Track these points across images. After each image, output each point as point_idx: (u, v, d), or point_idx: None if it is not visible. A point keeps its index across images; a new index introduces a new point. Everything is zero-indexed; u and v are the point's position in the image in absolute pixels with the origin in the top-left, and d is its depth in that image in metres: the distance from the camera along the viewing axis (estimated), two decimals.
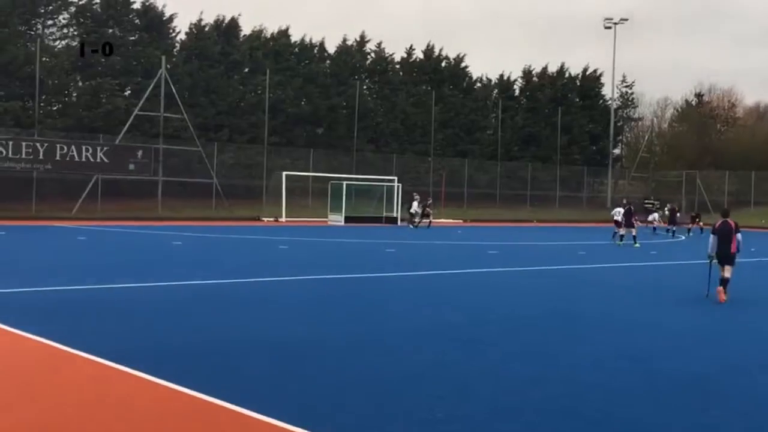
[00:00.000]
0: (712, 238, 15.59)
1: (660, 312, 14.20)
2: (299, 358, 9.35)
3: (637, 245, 30.62)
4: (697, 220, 43.61)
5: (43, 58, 44.55)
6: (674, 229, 39.55)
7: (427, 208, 41.40)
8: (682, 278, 20.54)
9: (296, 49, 56.39)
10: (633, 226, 31.55)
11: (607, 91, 70.04)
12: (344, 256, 23.96)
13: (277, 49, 54.75)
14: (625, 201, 34.86)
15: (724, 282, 15.20)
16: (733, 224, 15.50)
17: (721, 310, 14.58)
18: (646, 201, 59.52)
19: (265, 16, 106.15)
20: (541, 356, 9.92)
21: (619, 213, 32.24)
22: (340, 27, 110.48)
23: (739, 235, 15.50)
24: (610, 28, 63.67)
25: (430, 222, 41.09)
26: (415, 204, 41.56)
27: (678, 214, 41.61)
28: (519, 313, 13.42)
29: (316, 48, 57.39)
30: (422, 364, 9.25)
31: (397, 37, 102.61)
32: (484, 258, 24.65)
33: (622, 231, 31.66)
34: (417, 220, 40.92)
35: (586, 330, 11.99)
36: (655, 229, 41.79)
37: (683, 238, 38.83)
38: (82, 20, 48.22)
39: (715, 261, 15.56)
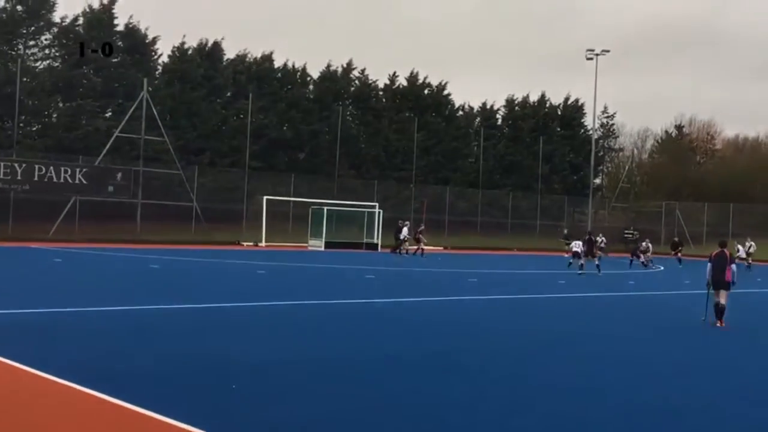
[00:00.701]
0: (708, 266, 16.35)
1: (638, 343, 14.11)
2: (260, 383, 9.16)
3: (600, 274, 30.84)
4: (679, 248, 43.21)
5: (24, 79, 44.28)
6: (597, 262, 32.54)
7: (419, 235, 41.32)
8: (660, 308, 20.51)
9: (279, 74, 56.40)
10: (595, 256, 32.02)
11: (588, 121, 70.59)
12: (322, 282, 23.76)
13: (260, 74, 54.74)
14: (588, 232, 35.14)
15: (720, 309, 16.08)
16: (728, 255, 16.43)
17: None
18: (626, 231, 59.79)
19: (248, 41, 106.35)
20: (522, 388, 9.77)
21: (578, 245, 32.22)
22: (324, 53, 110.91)
23: (733, 266, 16.34)
24: (591, 59, 63.99)
25: (422, 249, 40.66)
26: (405, 230, 41.10)
27: (600, 242, 38.71)
28: (498, 343, 13.27)
29: (299, 73, 57.42)
30: (395, 392, 9.08)
31: (382, 64, 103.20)
32: (464, 286, 24.52)
33: (582, 261, 31.64)
34: (406, 246, 40.51)
35: (564, 360, 11.87)
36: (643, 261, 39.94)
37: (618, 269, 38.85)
38: (64, 41, 48.02)
39: (711, 291, 16.44)
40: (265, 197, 44.69)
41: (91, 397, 8.10)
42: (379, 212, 46.29)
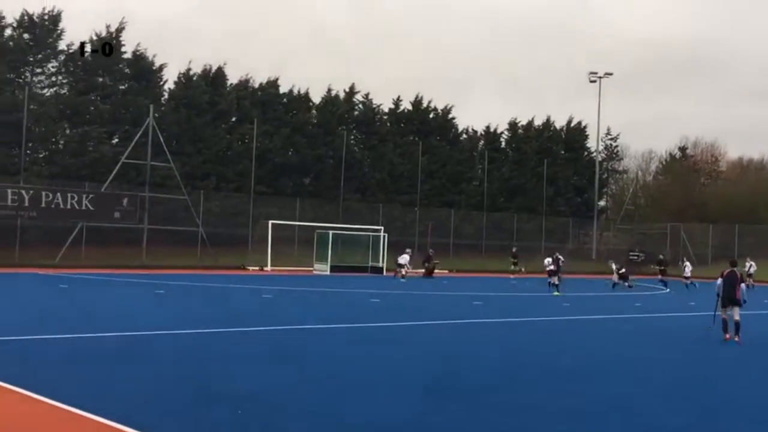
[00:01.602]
0: (719, 281, 17.71)
1: (643, 362, 14.15)
2: (267, 410, 9.24)
3: (556, 294, 31.59)
4: (663, 268, 42.02)
5: (31, 106, 44.66)
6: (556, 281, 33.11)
7: (434, 260, 42.31)
8: (670, 330, 20.54)
9: (284, 99, 56.73)
10: (559, 276, 33.12)
11: (592, 143, 70.73)
12: (328, 306, 23.85)
13: (264, 99, 55.09)
14: (557, 254, 35.61)
15: (735, 326, 17.34)
16: (738, 275, 17.65)
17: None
18: (631, 253, 59.72)
19: (252, 67, 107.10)
20: (524, 409, 9.84)
21: (549, 263, 33.84)
22: (328, 77, 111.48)
23: (743, 285, 17.61)
24: (594, 81, 64.48)
25: (431, 272, 41.52)
26: (406, 257, 41.05)
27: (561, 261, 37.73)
28: (499, 366, 13.34)
29: (303, 98, 57.74)
30: (399, 417, 9.16)
31: (386, 88, 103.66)
32: (469, 308, 24.58)
33: (552, 280, 32.91)
34: (404, 271, 40.42)
35: (564, 382, 11.93)
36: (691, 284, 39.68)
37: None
38: (72, 68, 48.44)
39: (719, 312, 17.80)
40: (270, 222, 44.84)
41: (93, 423, 8.20)
42: (384, 236, 46.40)
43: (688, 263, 41.63)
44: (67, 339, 14.21)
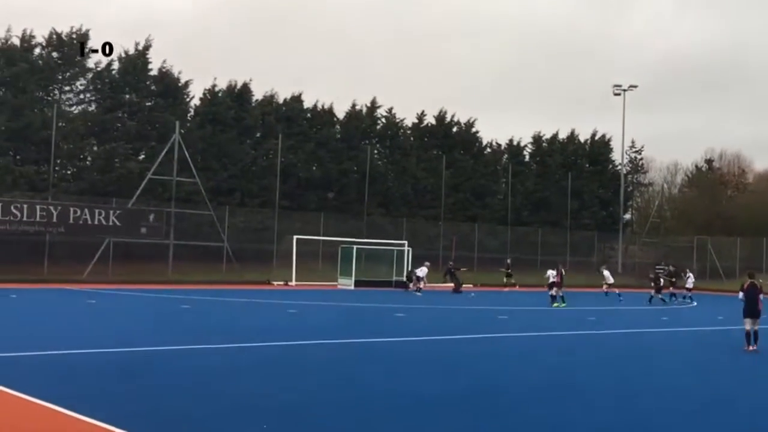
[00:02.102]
0: (741, 294, 18.85)
1: (662, 379, 14.09)
2: (291, 424, 9.33)
3: (556, 305, 31.99)
4: (673, 280, 40.42)
5: (60, 123, 45.24)
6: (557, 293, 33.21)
7: (457, 271, 42.57)
8: (691, 346, 20.41)
9: (308, 114, 57.04)
10: (559, 287, 33.09)
11: (616, 156, 70.44)
12: (352, 321, 23.94)
13: (288, 114, 55.41)
14: (560, 265, 35.36)
15: (754, 336, 18.29)
16: (759, 287, 18.58)
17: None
18: (657, 266, 59.32)
19: (276, 82, 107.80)
20: (549, 428, 9.86)
21: (552, 275, 33.73)
22: (351, 92, 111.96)
23: (761, 297, 18.42)
24: (619, 94, 64.27)
25: (458, 286, 41.65)
26: (424, 269, 41.23)
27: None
28: (529, 382, 13.34)
29: (327, 113, 58.02)
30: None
31: (409, 102, 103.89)
32: (494, 323, 24.56)
33: (552, 292, 33.03)
34: (422, 285, 40.47)
35: (592, 399, 11.91)
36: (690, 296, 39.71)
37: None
38: (99, 86, 49.08)
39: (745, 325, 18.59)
40: (294, 236, 45.05)
41: None
42: (408, 250, 46.44)
43: (691, 275, 41.22)
44: (96, 354, 14.40)
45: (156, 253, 43.89)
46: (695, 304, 38.15)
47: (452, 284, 42.40)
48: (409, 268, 43.53)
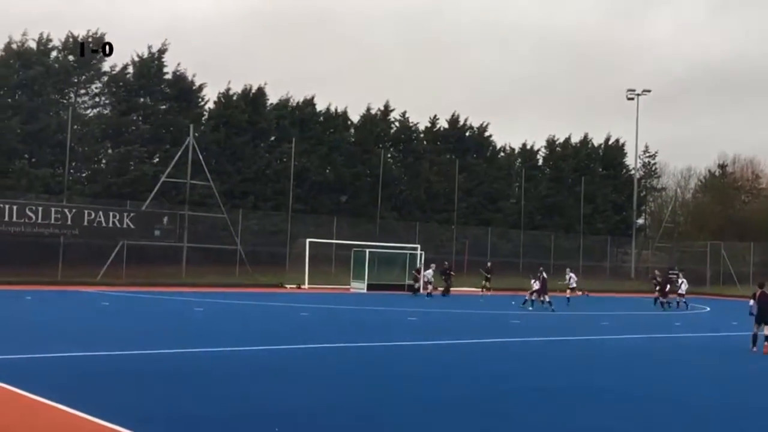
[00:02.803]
0: (752, 302, 19.75)
1: (677, 386, 14.08)
2: (304, 426, 9.39)
3: (552, 309, 32.20)
4: (666, 286, 38.06)
5: (75, 126, 45.55)
6: (548, 299, 33.17)
7: (451, 273, 41.99)
8: (701, 350, 20.36)
9: (321, 118, 57.19)
10: (546, 293, 33.29)
11: (630, 161, 70.27)
12: (365, 325, 23.99)
13: (302, 118, 55.56)
14: (541, 269, 35.28)
15: (766, 339, 18.87)
16: None
17: None
18: (671, 271, 59.11)
19: (291, 85, 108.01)
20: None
21: (537, 281, 33.82)
22: (365, 96, 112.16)
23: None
24: (632, 99, 64.16)
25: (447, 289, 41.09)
26: (429, 272, 41.15)
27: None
28: (539, 386, 13.35)
29: (341, 117, 58.17)
30: None
31: (422, 106, 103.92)
32: (507, 327, 24.56)
33: (536, 297, 33.21)
34: (430, 288, 40.45)
35: (606, 403, 11.92)
36: (683, 301, 38.55)
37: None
38: (114, 89, 49.37)
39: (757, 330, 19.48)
40: (307, 240, 45.16)
41: None
42: (420, 254, 46.46)
43: (683, 280, 40.04)
44: (110, 356, 14.51)
45: (169, 255, 44.10)
46: (687, 309, 37.23)
47: (444, 286, 41.99)
48: (417, 268, 43.37)
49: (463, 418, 10.38)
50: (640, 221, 72.09)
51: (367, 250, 44.47)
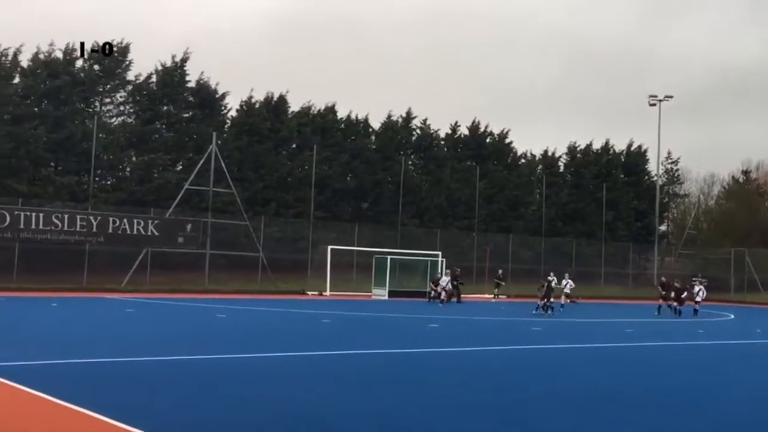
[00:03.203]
0: None
1: (705, 393, 14.09)
2: None
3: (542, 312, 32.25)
4: (666, 292, 37.35)
5: (100, 135, 46.08)
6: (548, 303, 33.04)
7: (460, 282, 41.41)
8: (724, 358, 20.30)
9: (342, 125, 57.47)
10: (550, 299, 33.08)
11: (652, 167, 69.98)
12: (387, 331, 24.11)
13: (324, 126, 55.86)
14: (551, 275, 35.48)
15: None
16: None
17: None
18: (694, 278, 58.74)
19: (312, 93, 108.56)
20: None
21: (543, 288, 33.49)
22: (386, 104, 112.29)
23: None
24: (654, 105, 63.94)
25: (454, 296, 40.32)
26: (446, 279, 40.53)
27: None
28: (559, 393, 13.42)
29: (362, 124, 58.43)
30: None
31: (443, 113, 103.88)
32: (528, 334, 24.60)
33: (541, 302, 33.01)
34: (443, 296, 39.54)
35: (627, 411, 11.96)
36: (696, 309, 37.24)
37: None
38: (138, 98, 49.92)
39: None
40: (329, 247, 45.39)
41: None
42: (442, 261, 46.53)
43: (701, 287, 38.51)
44: (135, 362, 14.74)
45: (193, 262, 44.47)
46: (695, 317, 36.06)
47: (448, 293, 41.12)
48: (438, 275, 42.78)
49: (484, 425, 10.47)
50: (663, 228, 71.74)
51: (389, 257, 44.62)
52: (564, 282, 39.24)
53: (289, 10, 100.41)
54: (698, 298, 37.17)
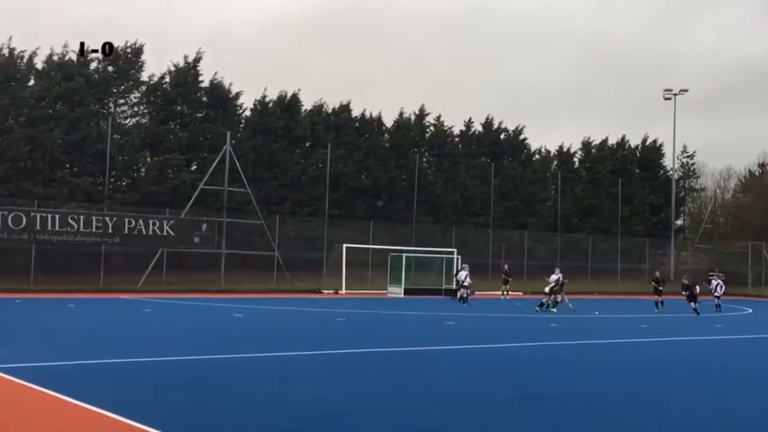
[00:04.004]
0: None
1: (723, 390, 13.98)
2: (343, 431, 9.52)
3: (553, 310, 32.25)
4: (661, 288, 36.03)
5: (115, 136, 46.28)
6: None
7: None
8: (743, 353, 20.16)
9: (356, 123, 57.44)
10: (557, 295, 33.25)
11: (668, 161, 69.60)
12: (403, 329, 24.08)
13: (337, 124, 55.87)
14: (557, 270, 34.64)
15: None
16: None
17: None
18: (711, 273, 58.41)
19: (325, 92, 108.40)
20: None
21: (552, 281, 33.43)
22: (399, 101, 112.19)
23: None
24: (669, 99, 63.55)
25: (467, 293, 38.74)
26: (462, 273, 38.82)
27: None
28: (577, 390, 13.36)
29: (376, 122, 58.38)
30: None
31: (456, 110, 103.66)
32: (544, 331, 24.51)
33: (553, 298, 33.02)
34: (468, 292, 38.19)
35: (647, 410, 11.89)
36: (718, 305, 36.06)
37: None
38: (152, 98, 50.08)
39: None
40: (344, 245, 45.39)
41: None
42: (457, 258, 46.46)
43: (719, 282, 37.06)
44: (152, 362, 14.77)
45: (208, 262, 44.59)
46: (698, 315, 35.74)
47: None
48: (456, 274, 42.03)
49: (501, 420, 10.43)
50: (679, 222, 71.35)
51: (404, 255, 44.58)
52: (553, 276, 37.05)
53: (303, 10, 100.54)
54: (717, 293, 36.21)
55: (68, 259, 40.41)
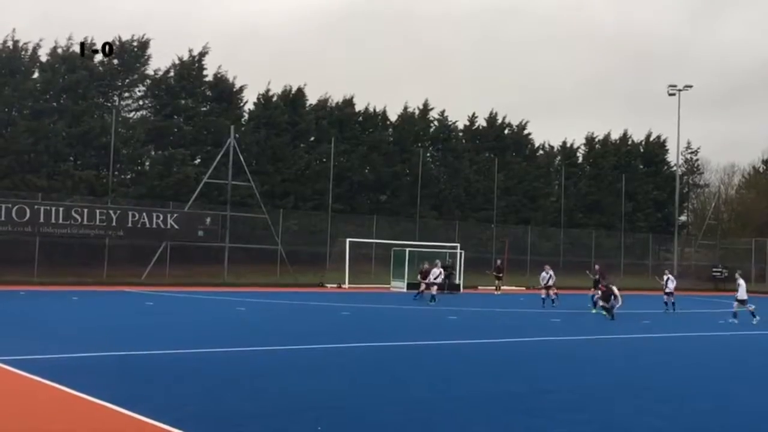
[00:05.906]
0: None
1: (725, 385, 14.00)
2: (348, 423, 9.54)
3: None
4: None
5: (119, 129, 46.30)
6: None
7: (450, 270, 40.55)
8: (743, 349, 20.17)
9: (360, 118, 57.43)
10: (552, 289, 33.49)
11: (671, 157, 69.50)
12: (406, 323, 24.11)
13: (341, 118, 55.86)
14: (546, 267, 34.52)
15: None
16: None
17: None
18: (715, 269, 58.41)
19: (329, 86, 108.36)
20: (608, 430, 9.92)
21: (544, 279, 33.55)
22: (403, 96, 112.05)
23: None
24: (674, 94, 63.32)
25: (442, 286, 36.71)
26: (436, 270, 35.66)
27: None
28: (582, 384, 13.38)
29: (380, 116, 58.36)
30: None
31: (460, 104, 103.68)
32: (548, 326, 24.53)
33: (544, 294, 33.28)
34: (434, 290, 34.62)
35: (649, 402, 11.91)
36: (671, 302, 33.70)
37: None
38: (156, 92, 50.09)
39: None
40: (348, 239, 45.41)
41: None
42: (460, 253, 46.46)
43: (670, 276, 35.01)
44: (155, 355, 14.82)
45: (212, 255, 44.66)
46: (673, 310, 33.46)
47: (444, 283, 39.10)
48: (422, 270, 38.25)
49: (506, 413, 10.45)
50: (683, 218, 71.27)
51: (407, 249, 44.59)
52: (544, 274, 35.79)
53: (308, 5, 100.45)
54: (668, 288, 33.57)
55: (72, 251, 40.49)
